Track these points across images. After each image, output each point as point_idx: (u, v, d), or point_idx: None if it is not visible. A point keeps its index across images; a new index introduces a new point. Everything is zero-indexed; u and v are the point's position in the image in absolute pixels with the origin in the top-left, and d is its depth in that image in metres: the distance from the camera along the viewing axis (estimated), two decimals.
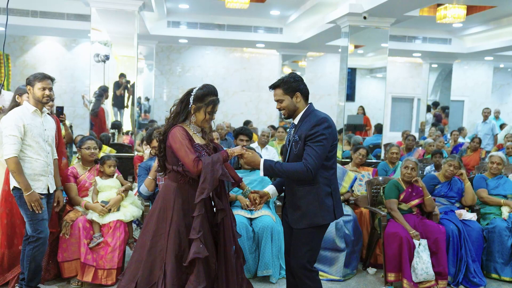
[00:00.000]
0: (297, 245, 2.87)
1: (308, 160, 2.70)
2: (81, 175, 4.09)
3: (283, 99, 2.88)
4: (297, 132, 2.84)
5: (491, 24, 9.14)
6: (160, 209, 2.77)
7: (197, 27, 9.83)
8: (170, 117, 2.85)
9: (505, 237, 4.28)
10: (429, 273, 3.89)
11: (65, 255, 3.78)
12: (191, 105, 2.80)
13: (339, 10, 6.98)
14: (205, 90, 2.81)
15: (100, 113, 6.58)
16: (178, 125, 2.79)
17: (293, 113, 2.92)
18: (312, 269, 2.86)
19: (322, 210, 2.81)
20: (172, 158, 2.77)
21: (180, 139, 2.70)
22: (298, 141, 2.80)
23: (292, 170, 2.74)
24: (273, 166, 2.76)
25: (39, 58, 11.76)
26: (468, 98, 14.09)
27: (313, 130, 2.74)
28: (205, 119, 2.82)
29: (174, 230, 2.71)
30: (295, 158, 2.81)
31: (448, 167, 4.50)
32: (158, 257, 2.71)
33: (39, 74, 3.38)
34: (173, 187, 2.78)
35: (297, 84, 2.87)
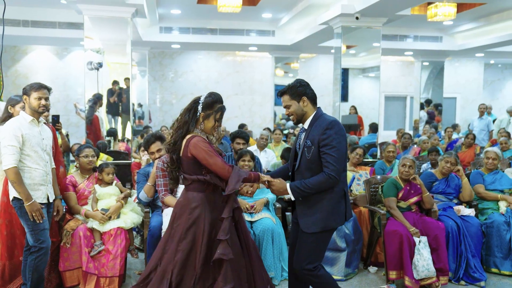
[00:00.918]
0: (305, 248, 2.89)
1: (329, 167, 2.75)
2: (80, 183, 4.08)
3: (290, 104, 2.94)
4: (309, 137, 2.86)
5: (481, 21, 9.24)
6: (190, 220, 2.76)
7: (190, 32, 9.85)
8: (179, 127, 2.83)
9: (503, 232, 4.32)
10: (430, 269, 3.91)
11: (66, 264, 3.77)
12: (199, 113, 2.81)
13: (331, 11, 7.02)
14: (214, 98, 2.84)
15: (94, 120, 6.57)
16: (194, 134, 2.79)
17: (301, 118, 2.95)
18: (312, 268, 2.88)
19: (335, 213, 2.85)
20: (194, 168, 2.78)
21: (205, 148, 2.72)
22: (311, 146, 2.83)
23: (317, 183, 2.79)
24: (300, 187, 2.81)
25: (31, 67, 11.71)
26: (460, 95, 14.20)
27: (325, 134, 2.78)
28: (214, 126, 2.84)
29: (207, 240, 2.73)
30: (308, 163, 2.85)
31: (445, 164, 4.54)
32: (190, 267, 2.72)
33: (35, 84, 3.37)
34: (200, 197, 2.79)
35: (303, 89, 2.92)
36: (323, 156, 2.79)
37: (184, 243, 2.74)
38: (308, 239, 2.88)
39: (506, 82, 14.91)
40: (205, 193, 2.80)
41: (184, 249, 2.73)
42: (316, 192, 2.83)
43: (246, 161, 4.43)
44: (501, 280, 4.23)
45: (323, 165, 2.78)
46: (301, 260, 2.89)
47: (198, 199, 2.79)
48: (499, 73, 14.85)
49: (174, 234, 2.80)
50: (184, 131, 2.82)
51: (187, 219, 2.76)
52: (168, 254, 2.77)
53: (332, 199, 2.84)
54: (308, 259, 2.87)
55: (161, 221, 3.83)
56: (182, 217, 2.79)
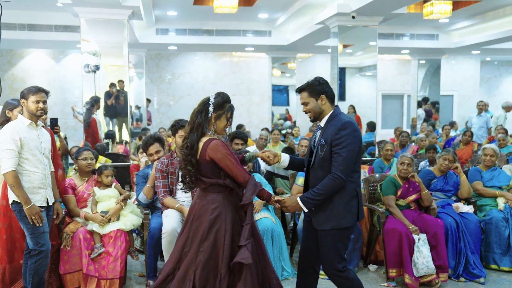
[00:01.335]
0: (323, 248, 2.92)
1: (336, 167, 2.77)
2: (79, 186, 4.07)
3: (308, 101, 2.94)
4: (323, 135, 2.88)
5: (477, 18, 9.27)
6: (211, 221, 2.76)
7: (186, 33, 9.86)
8: (192, 129, 2.82)
9: (502, 228, 4.34)
10: (430, 267, 3.92)
11: (67, 267, 3.76)
12: (211, 114, 2.81)
13: (328, 10, 7.03)
14: (224, 97, 2.85)
15: (92, 123, 6.57)
16: (212, 137, 2.80)
17: (318, 116, 2.95)
18: (342, 269, 2.90)
19: (346, 212, 2.86)
20: (214, 171, 2.78)
21: (225, 152, 2.74)
22: (324, 145, 2.84)
23: (326, 187, 2.79)
24: (310, 197, 2.83)
25: (28, 71, 11.70)
26: (457, 92, 14.25)
27: (338, 135, 2.79)
28: (225, 125, 2.85)
29: (229, 240, 2.74)
30: (321, 161, 2.86)
31: (443, 161, 4.55)
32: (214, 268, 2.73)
33: (33, 87, 3.37)
34: (220, 198, 2.80)
35: (322, 87, 2.92)
36: (333, 155, 2.80)
37: (206, 244, 2.73)
38: (325, 240, 2.90)
39: (502, 79, 14.97)
40: (224, 194, 2.81)
41: (206, 250, 2.73)
42: (327, 197, 2.84)
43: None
44: (500, 276, 4.24)
45: (332, 165, 2.80)
46: (326, 262, 2.93)
47: (218, 200, 2.79)
48: (496, 70, 14.90)
49: (193, 236, 2.79)
50: (199, 133, 2.81)
51: (208, 220, 2.76)
52: (188, 256, 2.76)
53: (343, 198, 2.84)
54: (332, 260, 2.90)
55: (160, 222, 3.83)
56: (202, 218, 2.79)
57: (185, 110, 12.67)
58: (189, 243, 2.79)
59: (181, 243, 2.84)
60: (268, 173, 5.51)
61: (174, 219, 3.77)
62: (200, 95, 12.77)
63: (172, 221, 3.74)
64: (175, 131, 4.03)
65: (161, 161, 4.04)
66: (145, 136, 5.63)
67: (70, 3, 6.14)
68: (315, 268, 3.11)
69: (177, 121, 4.07)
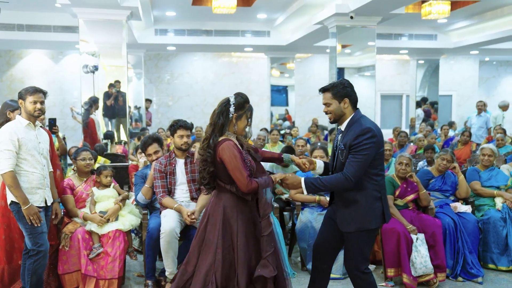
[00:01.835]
0: (348, 248, 2.95)
1: (349, 170, 2.77)
2: (77, 186, 4.08)
3: (330, 103, 2.92)
4: (343, 140, 2.88)
5: (475, 19, 9.29)
6: (222, 221, 2.77)
7: (185, 33, 9.87)
8: (214, 130, 2.82)
9: (500, 228, 4.35)
10: (428, 266, 3.93)
11: (65, 267, 3.77)
12: (232, 115, 2.80)
13: (326, 10, 7.04)
14: (243, 97, 2.86)
15: (90, 123, 6.57)
16: (226, 138, 2.80)
17: (339, 118, 2.95)
18: (365, 271, 2.93)
19: (370, 214, 2.87)
20: (225, 176, 2.78)
21: (233, 154, 2.72)
22: (344, 150, 2.85)
23: (333, 182, 2.81)
24: (314, 183, 2.83)
25: (27, 71, 11.70)
26: (456, 92, 14.26)
27: (357, 140, 2.79)
28: (246, 125, 2.86)
29: (242, 240, 2.74)
30: (342, 166, 2.86)
31: (441, 161, 4.56)
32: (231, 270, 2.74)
33: (31, 88, 3.37)
34: (234, 199, 2.80)
35: (346, 90, 2.90)
36: (349, 157, 2.81)
37: (221, 246, 2.74)
38: (350, 241, 2.92)
39: (501, 79, 14.98)
40: (238, 194, 2.80)
41: (222, 251, 2.74)
42: (329, 191, 2.86)
43: None
44: (498, 276, 4.25)
45: (345, 166, 2.80)
46: (350, 262, 2.96)
47: (231, 200, 2.80)
48: (494, 70, 14.91)
49: (208, 238, 2.80)
50: (221, 134, 2.82)
51: (220, 221, 2.77)
52: (206, 259, 2.77)
53: (367, 200, 2.86)
54: (356, 260, 2.92)
55: (159, 222, 3.84)
56: (214, 219, 2.80)
57: (184, 111, 12.70)
58: (204, 245, 2.81)
59: (196, 246, 2.85)
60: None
61: (173, 219, 3.78)
62: (199, 95, 12.89)
63: (171, 221, 3.74)
64: (173, 132, 4.03)
65: (160, 161, 4.04)
66: (144, 136, 5.64)
67: (68, 4, 6.14)
68: (329, 264, 3.15)
69: (175, 122, 4.07)
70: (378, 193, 2.88)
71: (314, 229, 4.20)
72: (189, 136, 4.06)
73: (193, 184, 4.03)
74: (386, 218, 2.93)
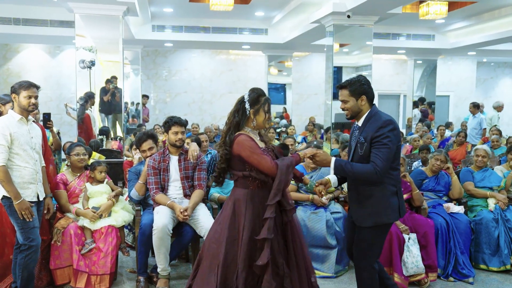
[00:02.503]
0: (360, 242, 2.97)
1: (377, 163, 2.77)
2: (70, 181, 4.08)
3: (348, 100, 2.95)
4: (362, 133, 2.90)
5: (473, 20, 9.30)
6: (231, 215, 2.80)
7: (182, 30, 9.85)
8: (229, 128, 2.85)
9: (492, 229, 4.36)
10: (419, 266, 3.95)
11: (57, 262, 3.77)
12: (249, 111, 2.83)
13: (323, 9, 7.04)
14: (257, 92, 2.88)
15: (85, 119, 6.55)
16: (241, 132, 2.83)
17: (356, 115, 2.97)
18: (373, 266, 2.96)
19: (387, 209, 2.89)
20: (239, 165, 2.81)
21: (249, 146, 2.75)
22: (364, 143, 2.86)
23: (361, 171, 2.81)
24: (344, 166, 2.84)
25: (23, 66, 11.67)
26: (453, 93, 14.28)
27: (379, 132, 2.80)
28: (265, 119, 2.87)
29: (247, 236, 2.75)
30: (360, 159, 2.88)
31: (435, 161, 4.57)
32: (233, 263, 2.76)
33: (25, 82, 3.37)
34: (244, 193, 2.82)
35: (363, 88, 2.92)
36: (373, 151, 2.81)
37: (227, 239, 2.77)
38: (365, 235, 2.94)
39: (498, 80, 15.02)
40: (249, 189, 2.82)
41: (227, 245, 2.77)
42: (355, 178, 2.88)
43: None
44: (489, 276, 4.27)
45: (372, 160, 2.80)
46: (360, 256, 2.98)
47: (241, 195, 2.82)
48: (492, 72, 14.94)
49: (217, 231, 2.85)
50: (237, 131, 2.85)
51: (229, 215, 2.81)
52: (214, 250, 2.82)
53: (384, 195, 2.88)
54: (366, 254, 2.95)
55: (152, 219, 3.84)
56: (225, 213, 2.85)
57: (182, 107, 12.70)
58: (214, 238, 2.85)
59: (209, 236, 2.91)
60: None
61: (165, 215, 3.78)
62: (197, 92, 12.88)
63: (163, 218, 3.74)
64: (168, 128, 4.02)
65: (154, 158, 4.04)
66: (140, 132, 5.64)
67: None
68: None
69: (170, 118, 4.07)
70: (394, 187, 2.91)
71: (307, 227, 4.21)
72: (184, 133, 4.06)
73: (187, 181, 4.03)
74: (401, 213, 2.96)
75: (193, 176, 4.07)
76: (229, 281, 2.74)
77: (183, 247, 4.07)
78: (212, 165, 5.05)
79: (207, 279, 2.77)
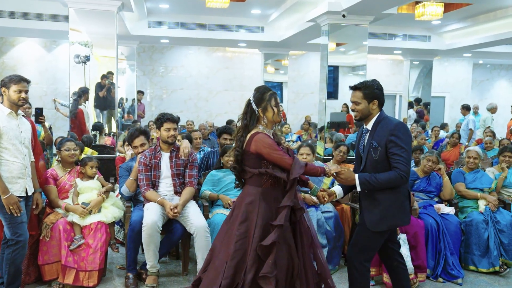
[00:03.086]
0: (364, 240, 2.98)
1: (401, 168, 2.80)
2: (61, 177, 4.06)
3: (360, 102, 2.96)
4: (374, 138, 2.91)
5: (469, 21, 9.31)
6: (243, 213, 2.83)
7: (178, 27, 9.81)
8: (239, 131, 2.91)
9: (481, 230, 4.37)
10: (409, 266, 3.94)
11: (45, 258, 3.75)
12: (257, 110, 2.86)
13: (319, 8, 7.03)
14: (261, 90, 2.92)
15: (78, 114, 6.51)
16: (258, 131, 2.85)
17: (365, 118, 3.00)
18: (366, 265, 2.98)
19: (401, 212, 2.93)
20: (255, 162, 2.84)
21: (268, 143, 2.80)
22: (378, 147, 2.88)
23: (388, 180, 2.83)
24: (369, 180, 2.86)
25: (19, 59, 11.61)
26: (449, 94, 14.32)
27: (393, 136, 2.83)
28: (275, 113, 2.89)
29: (259, 233, 2.76)
30: (374, 164, 2.90)
31: (426, 162, 4.57)
32: (242, 260, 2.78)
33: (15, 77, 3.35)
34: (257, 192, 2.85)
35: (376, 92, 2.95)
36: (392, 156, 2.83)
37: (238, 237, 2.79)
38: (366, 236, 2.95)
39: (494, 82, 15.06)
40: (262, 187, 2.85)
41: (238, 242, 2.79)
42: (382, 188, 2.88)
43: (230, 156, 4.45)
44: (478, 278, 4.28)
45: (393, 166, 2.82)
46: (356, 252, 2.99)
47: (254, 193, 2.85)
48: (488, 73, 14.98)
49: (231, 229, 2.87)
50: (246, 133, 2.89)
51: (241, 213, 2.83)
52: (225, 249, 2.84)
53: (398, 199, 2.91)
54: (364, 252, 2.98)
55: (142, 215, 3.83)
56: (237, 210, 2.88)
57: (177, 104, 12.68)
58: (227, 236, 2.88)
59: (221, 234, 2.93)
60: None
61: (155, 212, 3.77)
62: (193, 89, 12.85)
63: (153, 215, 3.74)
64: (160, 125, 4.02)
65: (145, 154, 4.03)
66: (132, 127, 5.61)
67: None
68: (398, 260, 3.18)
69: (162, 115, 4.06)
70: (406, 190, 2.96)
71: None
72: (176, 129, 4.05)
73: (178, 178, 4.02)
74: (410, 215, 3.02)
75: (184, 173, 4.06)
76: (237, 277, 2.76)
77: (173, 244, 4.07)
78: (204, 162, 5.04)
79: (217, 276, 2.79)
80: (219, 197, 4.32)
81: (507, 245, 4.41)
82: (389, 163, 2.87)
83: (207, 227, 3.81)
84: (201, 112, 12.87)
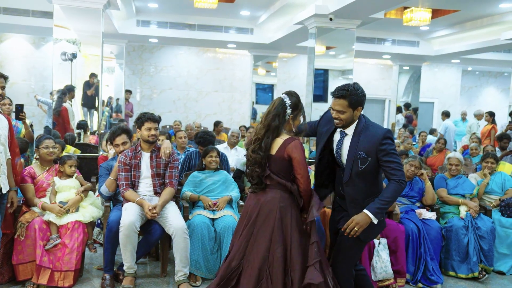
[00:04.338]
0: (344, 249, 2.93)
1: (398, 174, 2.73)
2: (38, 175, 4.00)
3: (345, 111, 2.77)
4: (359, 147, 2.77)
5: (456, 28, 9.38)
6: (278, 218, 2.80)
7: (167, 26, 9.76)
8: (267, 131, 2.82)
9: (461, 236, 4.38)
10: (388, 271, 3.94)
11: (20, 257, 3.68)
12: (289, 116, 2.84)
13: (306, 11, 7.02)
14: (297, 97, 2.90)
15: (62, 112, 6.42)
16: (292, 137, 2.83)
17: (348, 125, 2.85)
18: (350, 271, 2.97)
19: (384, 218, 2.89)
20: (286, 171, 2.84)
21: (303, 153, 2.79)
22: (367, 158, 2.75)
23: (394, 194, 2.75)
24: (380, 207, 2.73)
25: (6, 56, 11.47)
26: (438, 100, 14.41)
27: (385, 145, 2.74)
28: (299, 123, 2.91)
29: (296, 237, 2.78)
30: (362, 174, 2.78)
31: (409, 167, 4.57)
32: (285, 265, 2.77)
33: None
34: (287, 196, 2.85)
35: (361, 99, 2.80)
36: (386, 164, 2.73)
37: (278, 243, 2.77)
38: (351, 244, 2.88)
39: (482, 89, 15.18)
40: (289, 192, 2.86)
41: (277, 247, 2.77)
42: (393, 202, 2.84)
43: (213, 157, 4.43)
44: (457, 283, 4.28)
45: (389, 173, 2.73)
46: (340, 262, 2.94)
47: (285, 197, 2.84)
48: (476, 80, 15.10)
49: (259, 233, 2.83)
50: (275, 135, 2.83)
51: (278, 218, 2.81)
52: (258, 254, 2.80)
53: None
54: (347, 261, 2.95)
55: (120, 215, 3.77)
56: (269, 215, 2.83)
57: (166, 104, 12.63)
58: (255, 240, 2.83)
59: (244, 240, 2.87)
60: (238, 171, 5.49)
61: (133, 212, 3.73)
62: (182, 89, 12.80)
63: (131, 215, 3.69)
64: (141, 124, 3.97)
65: (125, 154, 3.99)
66: (114, 126, 5.55)
67: None
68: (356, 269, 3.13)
69: (142, 114, 4.01)
70: None
71: None
72: (157, 129, 4.00)
73: (158, 178, 3.98)
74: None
75: (164, 174, 4.02)
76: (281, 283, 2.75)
77: (151, 245, 4.01)
78: (187, 163, 5.00)
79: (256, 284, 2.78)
80: (200, 198, 4.28)
81: (487, 251, 4.42)
82: (377, 171, 2.81)
83: (186, 228, 3.78)
84: (190, 112, 12.82)
